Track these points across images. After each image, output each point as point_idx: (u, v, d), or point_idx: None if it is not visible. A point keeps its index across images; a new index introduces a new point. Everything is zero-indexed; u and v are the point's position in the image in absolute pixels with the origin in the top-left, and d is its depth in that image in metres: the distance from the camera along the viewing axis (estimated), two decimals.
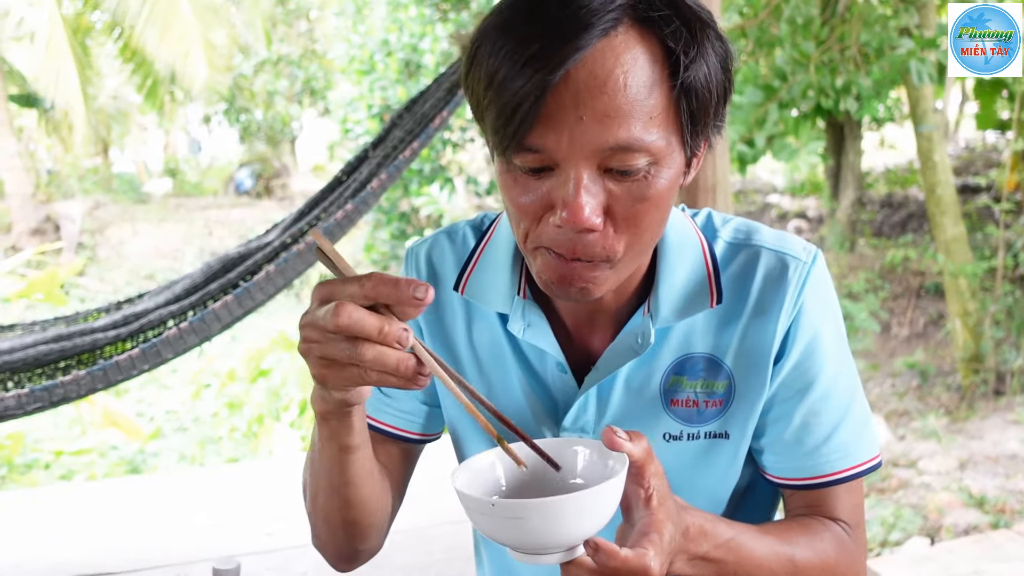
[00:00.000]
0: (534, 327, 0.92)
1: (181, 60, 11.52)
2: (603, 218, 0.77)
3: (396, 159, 2.16)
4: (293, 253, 2.08)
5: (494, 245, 0.98)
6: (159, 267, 13.19)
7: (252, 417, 6.66)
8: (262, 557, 1.58)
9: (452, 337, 1.00)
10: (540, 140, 0.75)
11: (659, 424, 0.92)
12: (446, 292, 1.00)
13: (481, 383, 0.99)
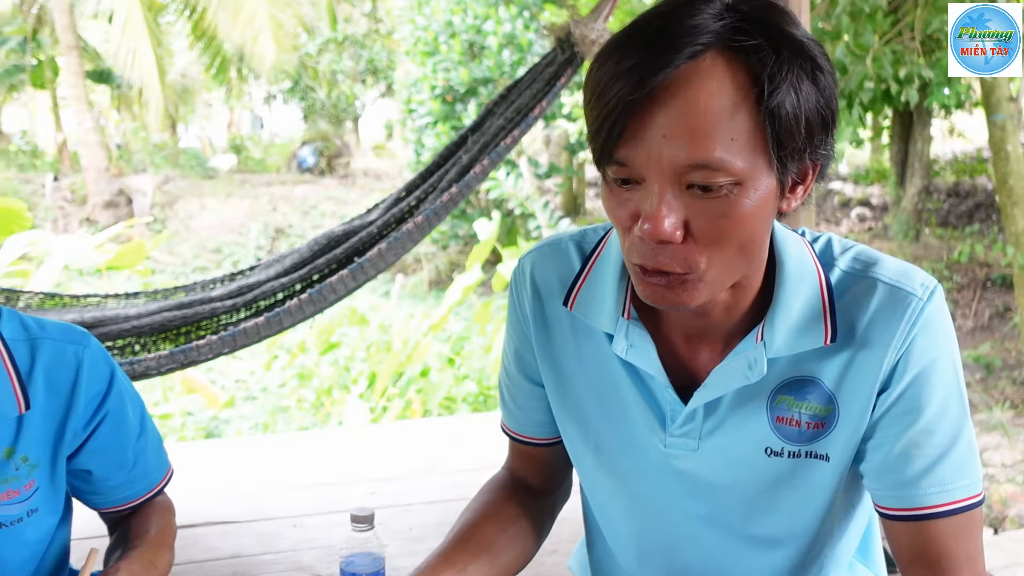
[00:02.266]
0: (637, 347, 0.95)
1: (251, 41, 11.78)
2: (683, 231, 0.80)
3: (497, 146, 2.28)
4: (403, 232, 2.22)
5: (602, 262, 1.00)
6: (225, 241, 13.53)
7: (321, 388, 6.88)
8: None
9: (560, 350, 1.04)
10: (625, 153, 0.79)
11: (762, 438, 0.95)
12: (553, 307, 1.03)
13: (590, 393, 1.03)
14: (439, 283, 11.49)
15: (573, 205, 12.30)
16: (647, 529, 1.06)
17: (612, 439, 1.03)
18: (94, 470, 1.19)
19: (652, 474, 1.01)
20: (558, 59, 2.38)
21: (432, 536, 2.13)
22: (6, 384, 1.06)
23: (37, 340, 1.12)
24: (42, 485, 1.12)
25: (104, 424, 1.17)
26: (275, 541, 2.10)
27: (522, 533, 1.12)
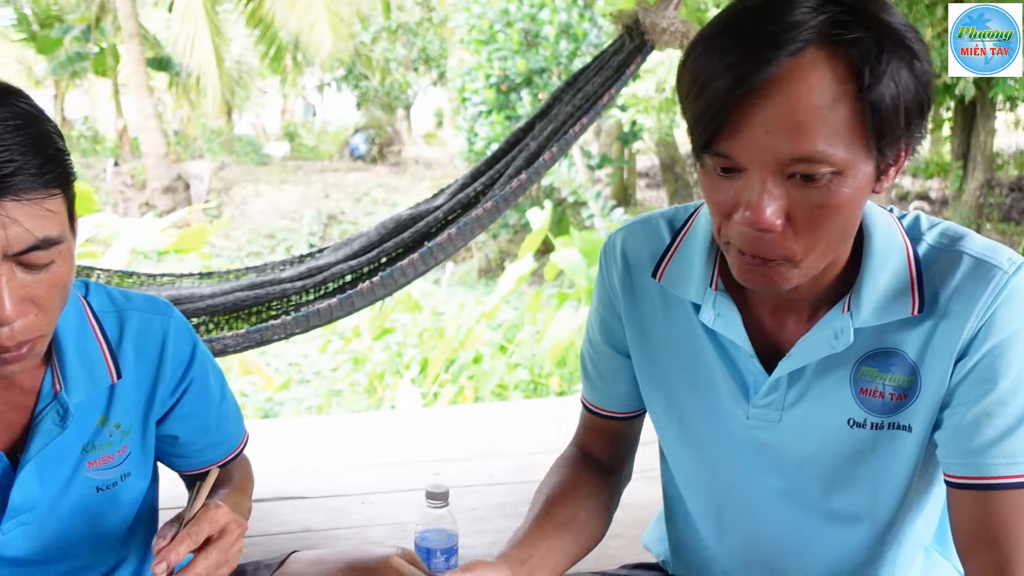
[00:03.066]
0: (724, 317, 0.98)
1: (307, 30, 11.93)
2: (783, 221, 0.82)
3: (566, 133, 2.30)
4: (472, 218, 2.26)
5: (692, 237, 1.03)
6: (279, 227, 13.75)
7: (374, 373, 6.97)
8: None
9: (648, 322, 1.07)
10: (728, 146, 0.81)
11: (845, 409, 0.96)
12: (642, 279, 1.06)
13: (676, 365, 1.05)
14: (489, 271, 11.55)
15: (624, 195, 12.26)
16: (727, 502, 1.08)
17: (696, 410, 1.05)
18: (180, 435, 1.23)
19: (734, 446, 1.04)
20: (626, 47, 2.39)
21: (496, 516, 2.17)
22: (98, 355, 1.10)
23: (124, 312, 1.15)
24: (134, 451, 1.16)
25: (189, 391, 1.21)
26: (345, 517, 2.15)
27: (598, 509, 1.14)
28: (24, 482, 1.05)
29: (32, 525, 1.08)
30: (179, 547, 0.94)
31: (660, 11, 2.27)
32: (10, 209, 0.84)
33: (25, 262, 0.88)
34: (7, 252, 0.85)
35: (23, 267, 0.88)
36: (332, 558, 1.27)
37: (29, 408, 1.06)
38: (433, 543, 1.60)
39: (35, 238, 0.86)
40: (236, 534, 1.00)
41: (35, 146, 0.86)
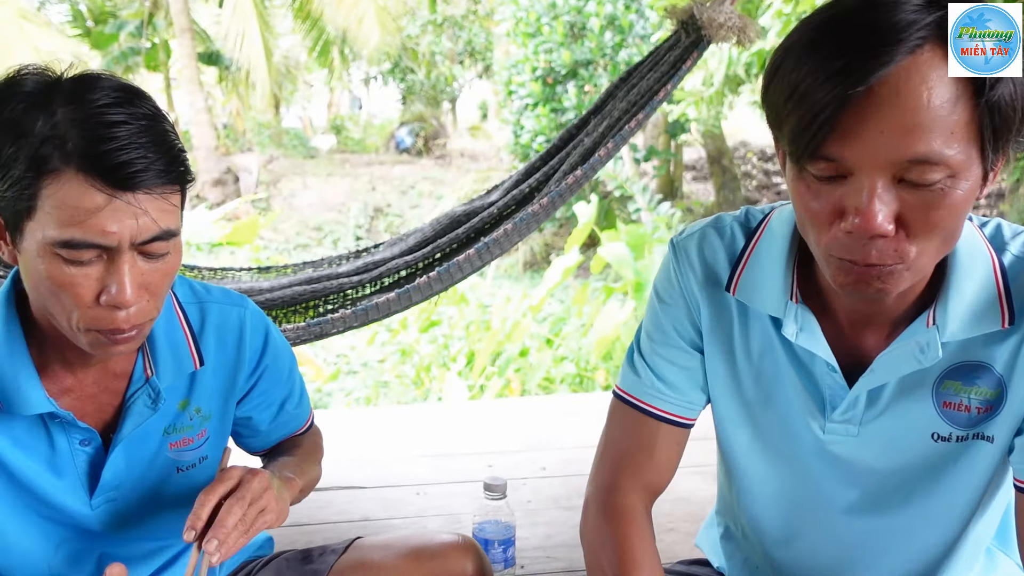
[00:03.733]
0: (806, 331, 0.96)
1: (355, 24, 12.03)
2: (894, 225, 0.80)
3: (622, 129, 2.30)
4: (528, 214, 2.27)
5: (764, 245, 1.01)
6: (326, 219, 13.91)
7: (420, 365, 7.04)
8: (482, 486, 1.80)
9: (729, 332, 1.06)
10: (837, 150, 0.79)
11: (928, 423, 0.96)
12: (722, 289, 1.05)
13: (751, 374, 1.05)
14: (534, 264, 11.56)
15: (670, 188, 12.18)
16: (797, 512, 1.08)
17: (769, 421, 1.05)
18: (254, 416, 1.29)
19: (808, 458, 1.03)
20: (682, 42, 2.38)
21: (549, 509, 2.19)
22: (183, 343, 1.16)
23: (205, 303, 1.21)
24: (212, 435, 1.22)
25: (264, 378, 1.27)
26: (401, 507, 2.20)
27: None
28: (114, 460, 1.11)
29: (118, 502, 1.14)
30: (198, 511, 1.01)
31: (716, 6, 2.26)
32: (141, 201, 0.91)
33: (146, 251, 0.95)
34: (134, 240, 0.92)
35: (143, 256, 0.95)
36: (396, 544, 1.32)
37: (120, 391, 1.12)
38: (491, 534, 1.63)
39: (160, 229, 0.93)
40: (255, 483, 1.05)
41: (162, 145, 0.92)
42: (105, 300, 0.94)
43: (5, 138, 0.89)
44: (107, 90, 0.92)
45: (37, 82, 0.92)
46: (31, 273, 0.96)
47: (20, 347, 1.03)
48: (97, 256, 0.92)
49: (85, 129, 0.89)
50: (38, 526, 1.11)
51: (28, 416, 1.05)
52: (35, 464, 1.07)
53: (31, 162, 0.88)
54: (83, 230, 0.89)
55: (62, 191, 0.89)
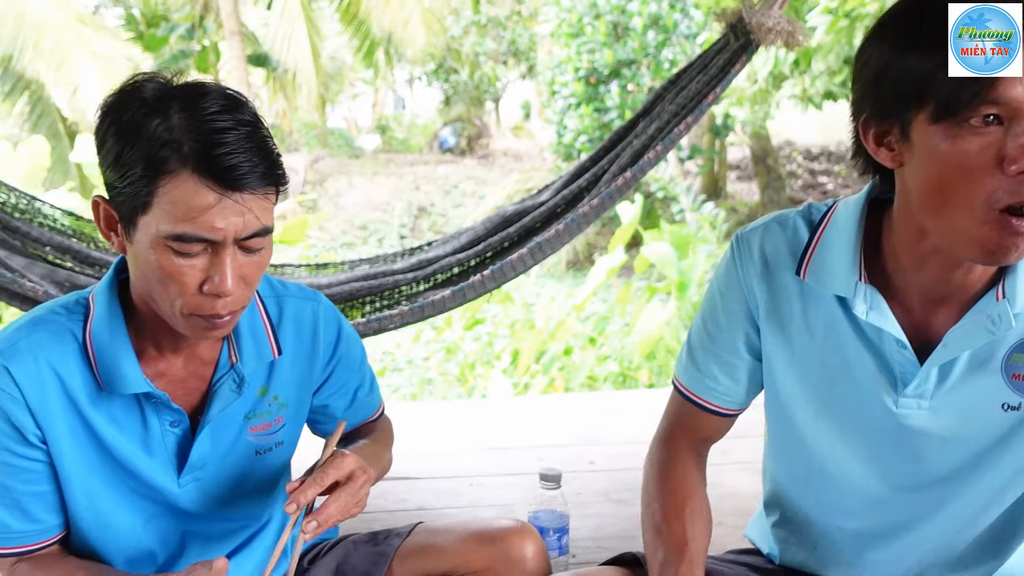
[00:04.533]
0: (876, 309, 1.01)
1: (401, 26, 12.16)
2: None
3: (671, 132, 2.35)
4: (579, 214, 2.33)
5: (832, 232, 1.07)
6: (371, 218, 14.07)
7: (465, 363, 7.12)
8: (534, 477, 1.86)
9: (788, 319, 1.11)
10: (1005, 92, 0.83)
11: (998, 395, 1.01)
12: (781, 277, 1.10)
13: (815, 357, 1.09)
14: (577, 264, 11.60)
15: (714, 187, 12.13)
16: (863, 485, 1.12)
17: (837, 399, 1.09)
18: (330, 404, 1.37)
19: (879, 433, 1.08)
20: (731, 45, 2.42)
21: (599, 501, 2.25)
22: (263, 333, 1.24)
23: (282, 297, 1.30)
24: (288, 422, 1.30)
25: (338, 367, 1.35)
26: (455, 498, 2.27)
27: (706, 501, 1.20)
28: (201, 441, 1.20)
29: (203, 482, 1.22)
30: (307, 490, 1.08)
31: (765, 10, 2.30)
32: (246, 201, 1.00)
33: (245, 246, 1.04)
34: (237, 236, 1.01)
35: (243, 250, 1.04)
36: (458, 528, 1.39)
37: (207, 377, 1.21)
38: (545, 522, 1.70)
39: (261, 225, 1.03)
40: (362, 480, 1.13)
41: (264, 150, 1.02)
42: (208, 289, 1.03)
43: (127, 140, 0.99)
44: (216, 98, 1.01)
45: (154, 89, 1.01)
46: (140, 262, 1.04)
47: (121, 332, 1.13)
48: (203, 249, 1.02)
49: (199, 134, 0.98)
50: (131, 502, 1.19)
51: (125, 396, 1.14)
52: (130, 443, 1.16)
53: (150, 163, 0.98)
54: (194, 226, 0.99)
55: (177, 190, 0.98)
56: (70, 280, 2.32)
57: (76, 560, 1.19)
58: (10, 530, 1.14)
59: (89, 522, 1.18)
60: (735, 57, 2.35)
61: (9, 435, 1.11)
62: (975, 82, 0.83)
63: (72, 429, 1.13)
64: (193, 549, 1.27)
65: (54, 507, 1.17)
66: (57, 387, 1.11)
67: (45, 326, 1.13)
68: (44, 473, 1.14)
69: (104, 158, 1.03)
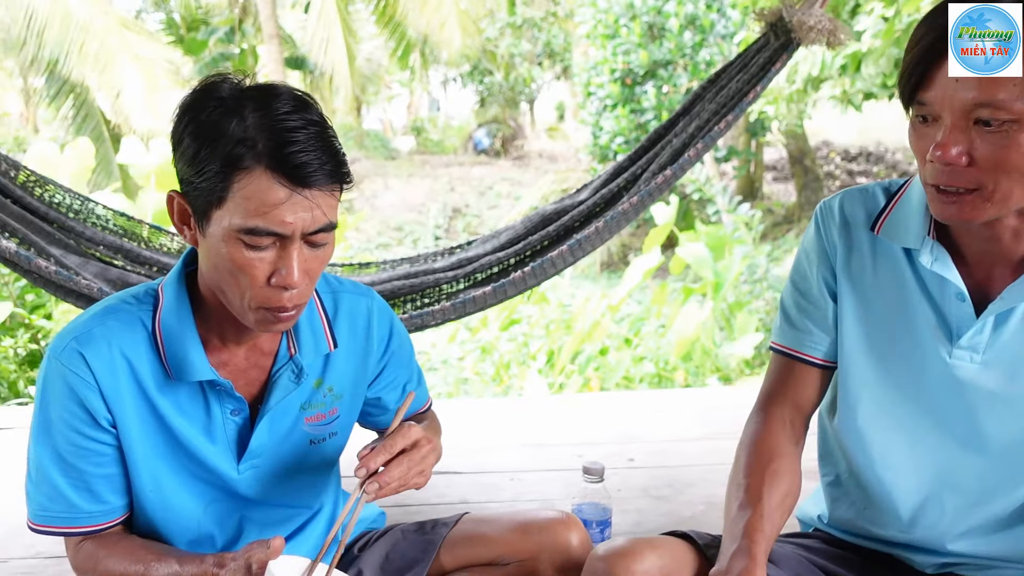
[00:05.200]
0: (940, 260, 1.11)
1: (437, 28, 12.23)
2: (967, 159, 0.98)
3: (711, 130, 2.36)
4: (618, 212, 2.36)
5: (907, 197, 1.18)
6: (406, 219, 14.19)
7: (500, 362, 7.16)
8: (574, 473, 1.89)
9: (858, 271, 1.21)
10: (924, 95, 1.00)
11: None
12: (857, 234, 1.22)
13: (880, 307, 1.19)
14: (611, 265, 11.60)
15: (750, 188, 12.06)
16: (913, 438, 1.17)
17: (897, 350, 1.17)
18: (383, 397, 1.42)
19: (933, 385, 1.14)
20: (771, 44, 2.43)
21: (638, 497, 2.27)
22: (320, 327, 1.28)
23: (338, 293, 1.34)
24: (342, 414, 1.34)
25: (391, 361, 1.39)
26: (496, 492, 2.30)
27: (797, 477, 1.24)
28: (260, 430, 1.24)
29: (259, 468, 1.27)
30: (376, 456, 1.13)
31: (807, 9, 2.31)
32: (315, 197, 1.05)
33: (311, 241, 1.08)
34: (304, 231, 1.06)
35: (308, 245, 1.09)
36: (504, 518, 1.42)
37: (266, 368, 1.25)
38: (588, 515, 1.72)
39: (327, 221, 1.07)
40: (426, 448, 1.17)
41: (331, 148, 1.07)
42: (275, 281, 1.08)
43: (204, 138, 1.04)
44: (287, 98, 1.06)
45: (230, 89, 1.06)
46: (212, 255, 1.09)
47: (189, 322, 1.18)
48: (272, 243, 1.06)
49: (272, 133, 1.03)
50: (192, 486, 1.24)
51: (190, 384, 1.19)
52: (194, 429, 1.21)
53: (226, 160, 1.02)
54: (266, 220, 1.03)
55: (251, 186, 1.02)
56: (122, 278, 2.38)
57: (138, 539, 1.24)
58: (79, 510, 1.19)
59: (154, 504, 1.23)
60: (775, 56, 2.36)
61: (81, 418, 1.16)
62: (908, 82, 1.02)
63: (140, 414, 1.18)
64: (250, 534, 1.31)
65: (120, 489, 1.22)
66: (127, 373, 1.17)
67: (117, 315, 1.18)
68: (113, 456, 1.19)
69: (181, 155, 1.07)
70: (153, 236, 2.60)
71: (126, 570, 1.17)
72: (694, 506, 2.20)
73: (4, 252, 2.15)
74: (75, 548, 1.23)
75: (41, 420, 1.18)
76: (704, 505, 2.19)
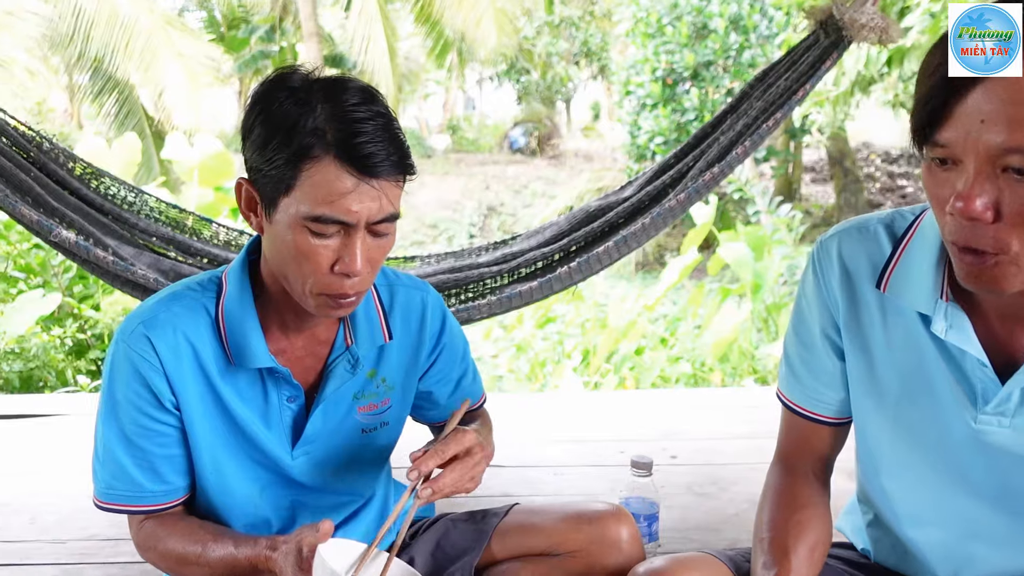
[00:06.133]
0: (956, 328, 0.99)
1: (473, 26, 12.26)
2: (993, 213, 0.83)
3: (759, 128, 2.35)
4: (665, 209, 2.36)
5: (916, 244, 1.04)
6: (441, 217, 14.25)
7: (535, 360, 7.17)
8: (626, 470, 1.89)
9: (867, 330, 1.10)
10: (945, 136, 0.84)
11: None
12: (861, 286, 1.09)
13: (894, 370, 1.08)
14: (646, 266, 11.56)
15: (788, 190, 11.95)
16: (939, 497, 1.10)
17: (916, 414, 1.08)
18: (434, 391, 1.43)
19: (957, 448, 1.06)
20: (821, 42, 2.41)
21: (681, 494, 2.27)
22: (376, 318, 1.30)
23: (394, 285, 1.36)
24: (393, 404, 1.36)
25: (442, 355, 1.40)
26: (540, 486, 2.31)
27: (827, 528, 1.18)
28: (314, 417, 1.27)
29: (312, 455, 1.29)
30: (429, 460, 1.14)
31: (858, 6, 2.29)
32: (381, 187, 1.07)
33: (375, 230, 1.10)
34: (369, 220, 1.08)
35: (372, 234, 1.11)
36: (555, 509, 1.43)
37: (323, 357, 1.28)
38: (636, 509, 1.73)
39: (391, 211, 1.10)
40: (479, 456, 1.18)
41: (397, 140, 1.09)
42: (338, 269, 1.10)
43: (275, 128, 1.06)
44: (354, 91, 1.08)
45: (301, 80, 1.09)
46: (278, 242, 1.12)
47: (251, 309, 1.20)
48: (337, 231, 1.08)
49: (341, 123, 1.05)
50: (250, 469, 1.27)
51: (250, 370, 1.22)
52: (252, 414, 1.24)
53: (296, 149, 1.05)
54: (332, 208, 1.05)
55: (319, 175, 1.05)
56: (174, 269, 2.43)
57: (197, 520, 1.27)
58: (143, 489, 1.22)
59: (214, 487, 1.26)
60: (825, 54, 2.35)
61: (147, 400, 1.19)
62: (922, 120, 0.86)
63: (202, 397, 1.21)
64: (303, 519, 1.34)
65: (183, 470, 1.25)
66: (191, 357, 1.20)
67: (182, 301, 1.22)
68: (176, 438, 1.23)
69: (252, 144, 1.10)
70: (200, 226, 2.64)
71: (184, 549, 1.20)
72: (737, 504, 2.20)
73: (64, 242, 2.20)
74: (138, 526, 1.27)
75: (108, 400, 1.22)
76: (747, 504, 2.18)
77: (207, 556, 1.18)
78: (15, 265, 5.44)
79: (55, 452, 2.55)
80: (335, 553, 1.09)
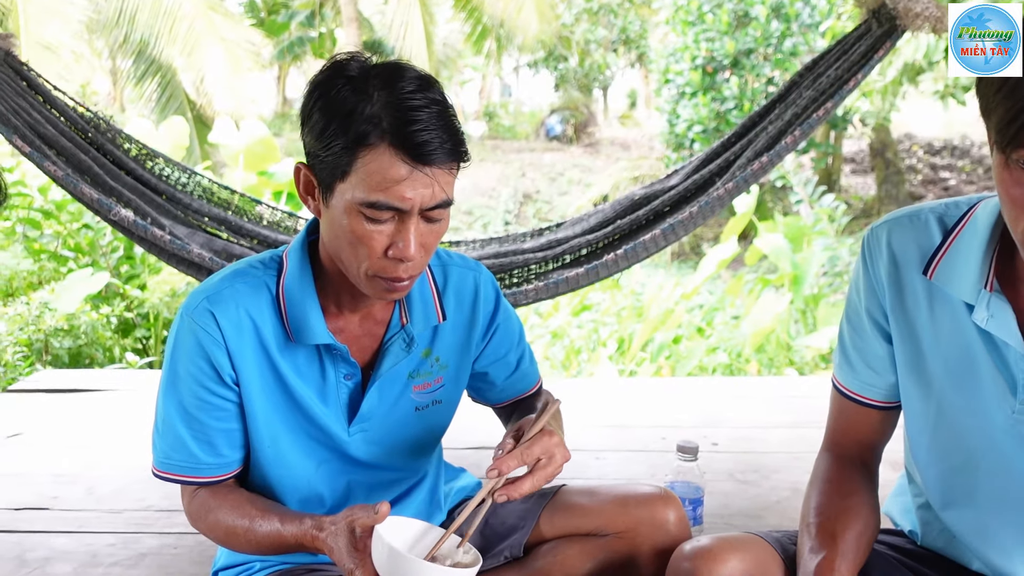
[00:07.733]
0: (997, 318, 1.02)
1: (514, 13, 12.25)
2: None
3: (809, 117, 2.34)
4: (713, 198, 2.36)
5: (967, 235, 1.07)
6: (477, 204, 14.27)
7: (571, 348, 7.18)
8: (667, 456, 1.90)
9: (913, 316, 1.12)
10: None
11: None
12: (909, 274, 1.11)
13: (938, 357, 1.10)
14: (682, 255, 11.50)
15: (828, 180, 11.81)
16: (983, 486, 1.12)
17: (958, 402, 1.10)
18: (491, 372, 1.45)
19: (997, 436, 1.08)
20: (873, 31, 2.39)
21: (723, 480, 2.28)
22: (430, 299, 1.33)
23: (447, 266, 1.39)
24: (447, 383, 1.38)
25: (496, 336, 1.42)
26: (581, 470, 2.34)
27: (873, 515, 1.19)
28: (370, 395, 1.30)
29: (368, 432, 1.32)
30: (511, 461, 1.14)
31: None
32: (435, 174, 1.09)
33: (429, 216, 1.13)
34: (423, 206, 1.10)
35: (425, 220, 1.13)
36: (602, 491, 1.44)
37: (378, 336, 1.31)
38: (681, 493, 1.75)
39: (445, 197, 1.12)
40: (559, 462, 1.18)
41: (451, 127, 1.10)
42: (392, 253, 1.12)
43: (332, 114, 1.09)
44: (410, 79, 1.10)
45: (358, 68, 1.11)
46: (334, 226, 1.14)
47: (310, 288, 1.24)
48: (391, 217, 1.11)
49: (397, 111, 1.07)
50: (306, 444, 1.30)
51: (308, 347, 1.25)
52: (310, 390, 1.27)
53: (352, 135, 1.07)
54: (387, 195, 1.08)
55: (375, 162, 1.07)
56: (226, 250, 2.49)
57: (247, 494, 1.29)
58: (199, 461, 1.26)
59: (270, 461, 1.29)
60: (878, 43, 2.33)
61: (208, 374, 1.23)
62: (1017, 128, 0.85)
63: (262, 373, 1.25)
64: (357, 496, 1.37)
65: (239, 444, 1.28)
66: (252, 333, 1.23)
67: (244, 278, 1.25)
68: (234, 412, 1.26)
69: (310, 129, 1.12)
70: (246, 205, 2.69)
71: (232, 523, 1.23)
72: (779, 492, 2.21)
73: (123, 221, 2.26)
74: (191, 496, 1.30)
75: (170, 373, 1.25)
76: (790, 492, 2.19)
77: (254, 531, 1.21)
78: (64, 244, 5.56)
79: (108, 426, 2.62)
80: (395, 532, 1.10)
